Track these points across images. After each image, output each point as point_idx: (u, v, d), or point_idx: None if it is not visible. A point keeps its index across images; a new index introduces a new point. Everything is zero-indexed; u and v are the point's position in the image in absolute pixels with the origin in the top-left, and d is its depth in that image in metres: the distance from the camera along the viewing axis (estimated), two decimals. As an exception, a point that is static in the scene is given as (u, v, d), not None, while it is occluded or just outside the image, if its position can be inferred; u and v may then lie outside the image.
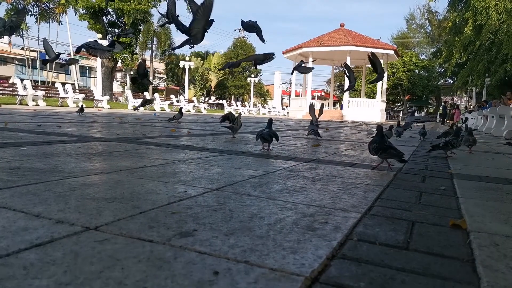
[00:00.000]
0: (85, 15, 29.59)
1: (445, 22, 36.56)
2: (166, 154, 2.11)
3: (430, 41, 48.32)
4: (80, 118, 6.22)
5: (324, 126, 8.43)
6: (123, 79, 56.33)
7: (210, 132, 4.52)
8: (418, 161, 2.45)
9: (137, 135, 3.44)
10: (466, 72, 21.59)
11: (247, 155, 2.31)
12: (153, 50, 35.30)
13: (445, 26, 32.92)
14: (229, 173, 1.58)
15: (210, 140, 3.25)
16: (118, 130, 3.99)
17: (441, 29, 35.55)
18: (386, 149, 1.86)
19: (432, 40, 47.34)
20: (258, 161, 2.05)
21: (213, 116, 13.20)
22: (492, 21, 16.83)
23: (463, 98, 49.84)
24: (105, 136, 3.09)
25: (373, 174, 1.77)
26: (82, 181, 1.26)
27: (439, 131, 9.53)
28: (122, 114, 10.25)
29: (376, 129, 2.01)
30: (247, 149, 2.66)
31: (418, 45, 51.56)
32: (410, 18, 50.40)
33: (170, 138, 3.26)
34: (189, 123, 6.54)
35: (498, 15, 16.72)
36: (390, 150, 1.85)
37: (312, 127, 4.04)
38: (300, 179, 1.52)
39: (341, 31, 25.73)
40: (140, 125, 5.24)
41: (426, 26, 49.17)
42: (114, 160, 1.77)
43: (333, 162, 2.17)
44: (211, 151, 2.42)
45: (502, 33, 16.98)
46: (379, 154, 1.90)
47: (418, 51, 50.49)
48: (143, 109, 20.36)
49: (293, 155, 2.45)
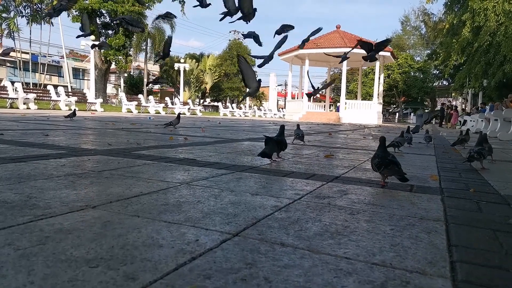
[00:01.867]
0: (78, 16, 29.14)
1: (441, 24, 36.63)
2: (165, 173, 1.80)
3: (425, 43, 48.46)
4: (71, 124, 5.87)
5: (325, 131, 8.16)
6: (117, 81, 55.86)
7: (210, 139, 4.21)
8: (452, 177, 2.16)
9: (131, 144, 3.12)
10: (464, 74, 21.48)
11: (258, 171, 2.01)
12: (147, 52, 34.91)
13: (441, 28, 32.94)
14: (246, 202, 1.28)
15: (211, 151, 2.94)
16: (111, 138, 3.67)
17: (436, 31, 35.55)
18: (388, 164, 1.65)
19: (427, 42, 47.48)
20: (273, 181, 1.75)
21: (209, 120, 12.89)
22: (491, 23, 16.71)
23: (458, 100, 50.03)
24: (96, 148, 2.77)
25: (417, 199, 1.47)
26: (58, 225, 0.95)
27: (443, 135, 9.30)
28: (116, 117, 9.90)
29: (379, 140, 1.76)
30: (256, 163, 2.36)
31: (413, 47, 51.71)
32: (405, 20, 50.53)
33: (168, 148, 2.95)
34: (186, 128, 6.23)
35: (496, 16, 16.60)
36: (392, 166, 1.65)
37: (298, 131, 3.82)
38: (336, 211, 1.22)
39: (337, 33, 25.56)
40: (134, 131, 4.92)
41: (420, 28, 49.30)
42: (104, 184, 1.46)
43: (359, 180, 1.87)
44: (216, 166, 2.11)
45: (501, 35, 16.86)
46: (380, 171, 1.69)
47: (413, 53, 50.64)
48: (137, 112, 19.98)
49: (310, 170, 2.15)
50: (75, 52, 56.50)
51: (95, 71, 27.66)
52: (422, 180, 1.99)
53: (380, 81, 26.78)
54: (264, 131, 6.96)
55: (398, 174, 1.68)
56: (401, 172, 1.67)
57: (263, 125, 10.12)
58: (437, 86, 49.44)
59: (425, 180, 1.99)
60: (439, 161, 2.99)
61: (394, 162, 1.67)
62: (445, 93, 52.57)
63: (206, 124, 8.89)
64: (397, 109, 51.61)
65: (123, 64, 31.06)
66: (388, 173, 1.72)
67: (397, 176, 1.69)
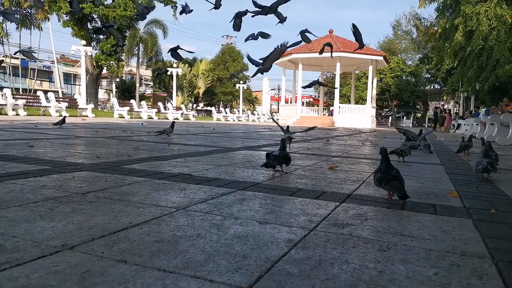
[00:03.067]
0: (69, 21, 28.85)
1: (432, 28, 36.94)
2: (159, 194, 1.60)
3: (416, 47, 48.88)
4: (59, 132, 5.63)
5: (321, 136, 8.00)
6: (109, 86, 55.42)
7: (205, 148, 4.01)
8: (471, 192, 1.99)
9: (121, 156, 2.91)
10: (457, 78, 21.54)
11: (262, 189, 1.82)
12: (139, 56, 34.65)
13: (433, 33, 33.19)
14: (255, 235, 1.09)
15: (208, 163, 2.74)
16: (100, 149, 3.45)
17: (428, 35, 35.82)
18: (389, 180, 1.56)
19: (418, 46, 47.88)
20: (280, 202, 1.56)
21: (203, 125, 12.68)
22: (483, 27, 16.77)
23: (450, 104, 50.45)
24: (83, 161, 2.56)
25: (447, 225, 1.29)
26: (24, 279, 0.75)
27: (441, 140, 9.19)
28: (107, 124, 9.64)
29: (380, 153, 1.66)
30: (257, 178, 2.17)
31: (404, 51, 52.12)
32: (396, 24, 50.96)
33: (161, 161, 2.74)
34: (179, 136, 6.02)
35: (488, 21, 16.67)
36: (394, 182, 1.56)
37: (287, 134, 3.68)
38: (362, 245, 1.04)
39: (330, 38, 25.57)
40: (126, 140, 4.70)
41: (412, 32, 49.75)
42: (87, 212, 1.26)
43: (374, 199, 1.69)
44: (215, 183, 1.92)
45: (493, 39, 16.93)
46: (382, 186, 1.60)
47: (404, 57, 51.05)
48: (129, 118, 19.69)
49: (317, 186, 1.96)
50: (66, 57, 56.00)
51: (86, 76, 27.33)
52: (441, 197, 1.81)
53: (373, 85, 26.82)
54: (259, 137, 6.77)
55: (398, 191, 1.59)
56: (402, 189, 1.58)
57: (257, 131, 9.94)
58: (429, 90, 49.85)
59: (444, 197, 1.82)
60: (449, 172, 2.82)
61: (396, 178, 1.57)
62: (437, 97, 53.04)
63: (200, 130, 8.69)
64: (390, 113, 51.86)
65: (115, 69, 30.74)
66: (389, 189, 1.63)
67: (397, 193, 1.60)
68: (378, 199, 1.71)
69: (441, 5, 22.14)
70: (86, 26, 29.45)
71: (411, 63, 50.20)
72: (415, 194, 1.86)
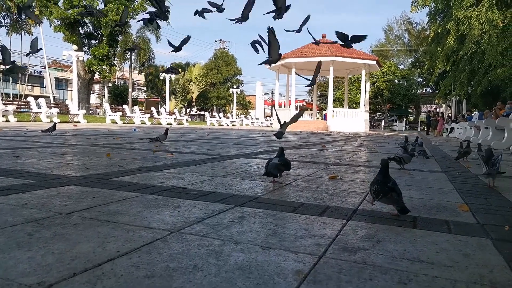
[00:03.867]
0: (60, 26, 28.61)
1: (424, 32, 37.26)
2: (150, 213, 1.47)
3: (408, 51, 49.29)
4: (49, 140, 5.47)
5: (317, 141, 7.91)
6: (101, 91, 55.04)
7: (199, 156, 3.89)
8: (481, 205, 1.89)
9: (112, 167, 2.78)
10: (449, 82, 21.66)
11: (261, 204, 1.71)
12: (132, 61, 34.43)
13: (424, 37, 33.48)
14: (258, 266, 0.97)
15: (203, 174, 2.62)
16: (90, 159, 3.31)
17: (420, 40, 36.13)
18: (386, 192, 1.48)
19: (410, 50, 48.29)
20: (283, 220, 1.44)
21: (197, 131, 12.54)
22: (475, 31, 16.87)
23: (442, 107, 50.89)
24: (70, 173, 2.42)
25: (466, 248, 1.18)
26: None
27: (436, 144, 9.16)
28: (99, 130, 9.46)
29: (381, 164, 1.57)
30: (256, 190, 2.05)
31: (396, 55, 52.54)
32: (388, 29, 51.42)
33: (154, 172, 2.61)
34: (172, 142, 5.88)
35: (480, 25, 16.77)
36: (392, 195, 1.48)
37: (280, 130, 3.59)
38: (380, 277, 0.92)
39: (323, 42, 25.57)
40: (117, 148, 4.55)
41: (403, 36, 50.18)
42: (70, 238, 1.13)
43: (382, 216, 1.58)
44: (211, 198, 1.80)
45: (485, 43, 17.05)
46: (379, 198, 1.51)
47: (396, 61, 51.46)
48: (122, 123, 19.47)
49: (320, 200, 1.85)
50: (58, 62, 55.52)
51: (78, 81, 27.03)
52: (452, 211, 1.71)
53: (367, 89, 26.91)
54: (254, 143, 6.66)
55: (397, 205, 1.50)
56: (401, 202, 1.48)
57: (252, 136, 9.83)
58: (421, 94, 50.25)
59: (455, 211, 1.72)
60: (452, 181, 2.73)
61: (394, 190, 1.49)
62: (429, 100, 53.49)
63: (194, 136, 8.55)
64: (383, 117, 52.14)
65: (107, 74, 30.50)
66: (388, 202, 1.54)
67: (395, 206, 1.51)
68: (386, 215, 1.60)
69: (433, 10, 22.31)
70: (78, 31, 29.22)
71: (403, 67, 50.63)
72: (424, 208, 1.75)
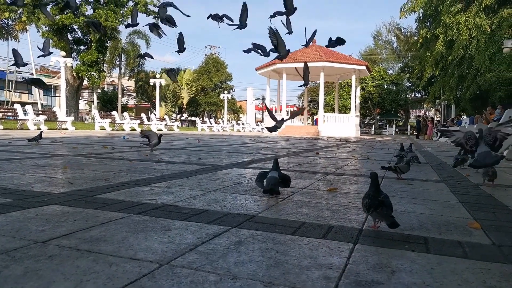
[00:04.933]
0: (48, 32, 28.24)
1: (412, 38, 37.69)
2: (137, 239, 1.33)
3: (396, 56, 49.84)
4: (34, 149, 5.26)
5: (310, 148, 7.81)
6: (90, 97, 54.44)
7: (191, 166, 3.74)
8: (492, 221, 1.78)
9: (98, 181, 2.62)
10: (438, 87, 21.88)
11: (259, 224, 1.58)
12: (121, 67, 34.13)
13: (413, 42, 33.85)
14: (262, 309, 0.83)
15: (195, 187, 2.48)
16: (75, 171, 3.14)
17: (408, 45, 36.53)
18: (377, 206, 1.43)
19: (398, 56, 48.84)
20: (284, 245, 1.31)
21: (188, 137, 12.36)
22: (463, 37, 17.09)
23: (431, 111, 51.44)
24: (52, 190, 2.26)
25: (490, 278, 1.07)
26: None
27: (428, 149, 9.13)
28: (87, 138, 9.23)
29: (370, 177, 1.55)
30: (252, 208, 1.92)
31: (385, 60, 53.10)
32: (377, 34, 51.98)
33: (142, 186, 2.46)
34: (163, 151, 5.71)
35: (468, 30, 17.01)
36: (382, 209, 1.43)
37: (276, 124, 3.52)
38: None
39: (313, 48, 25.73)
40: (105, 158, 4.38)
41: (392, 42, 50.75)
42: (43, 276, 0.98)
43: (390, 237, 1.46)
44: (204, 218, 1.66)
45: (473, 48, 17.26)
46: (370, 213, 1.46)
47: (385, 66, 51.99)
48: (111, 130, 19.18)
49: (321, 218, 1.73)
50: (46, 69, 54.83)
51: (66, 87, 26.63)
52: (463, 230, 1.60)
53: (357, 94, 27.04)
54: (247, 151, 6.53)
55: (386, 220, 1.44)
56: (389, 217, 1.43)
57: (244, 143, 9.70)
58: (410, 98, 50.80)
59: (466, 230, 1.61)
60: (454, 192, 2.63)
61: (384, 204, 1.45)
62: (418, 105, 54.08)
63: (185, 143, 8.38)
64: (373, 121, 52.49)
65: (96, 80, 30.16)
66: (378, 217, 1.49)
67: (385, 221, 1.45)
68: (393, 235, 1.48)
69: (421, 15, 22.58)
70: (66, 37, 28.88)
71: (392, 72, 51.15)
72: (432, 226, 1.64)
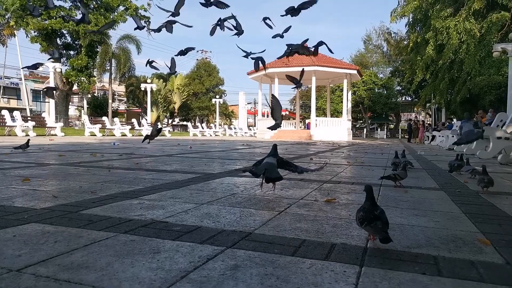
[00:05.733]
0: (37, 37, 27.90)
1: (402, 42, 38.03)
2: (122, 265, 1.21)
3: (387, 60, 50.27)
4: (20, 158, 5.08)
5: (303, 153, 7.73)
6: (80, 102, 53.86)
7: (182, 175, 3.61)
8: (500, 235, 1.69)
9: (84, 194, 2.48)
10: (429, 91, 22.04)
11: (256, 244, 1.46)
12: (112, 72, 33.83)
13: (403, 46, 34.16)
14: None
15: (187, 200, 2.36)
16: (61, 183, 3.00)
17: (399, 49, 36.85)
18: (371, 221, 1.40)
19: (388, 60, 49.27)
20: (285, 270, 1.20)
21: (179, 143, 12.21)
22: (453, 41, 17.24)
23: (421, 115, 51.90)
24: (34, 205, 2.12)
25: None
26: None
27: (421, 154, 9.10)
28: (76, 144, 9.03)
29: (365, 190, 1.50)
30: (248, 223, 1.81)
31: (376, 64, 53.55)
32: (367, 39, 52.41)
33: (131, 200, 2.33)
34: (154, 158, 5.57)
35: (458, 35, 17.16)
36: (376, 223, 1.38)
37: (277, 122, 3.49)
38: None
39: (305, 52, 25.69)
40: (93, 167, 4.23)
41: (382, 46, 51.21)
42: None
43: (398, 257, 1.36)
44: (196, 237, 1.54)
45: (463, 52, 17.42)
46: (363, 226, 1.44)
47: (376, 70, 52.43)
48: (101, 136, 18.91)
49: (322, 234, 1.62)
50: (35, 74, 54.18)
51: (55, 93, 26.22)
52: (473, 247, 1.51)
53: (348, 98, 27.15)
54: (240, 157, 6.42)
55: (379, 234, 1.39)
56: (383, 231, 1.37)
57: (236, 148, 9.59)
58: (401, 102, 51.25)
59: (475, 246, 1.51)
60: (456, 201, 2.55)
61: (379, 219, 1.39)
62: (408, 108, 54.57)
63: (176, 149, 8.24)
64: (364, 125, 52.79)
65: (86, 85, 29.83)
66: (372, 231, 1.43)
67: (378, 235, 1.40)
68: (401, 254, 1.37)
69: (411, 20, 22.77)
70: (55, 42, 28.54)
71: (382, 76, 51.57)
72: (440, 242, 1.54)
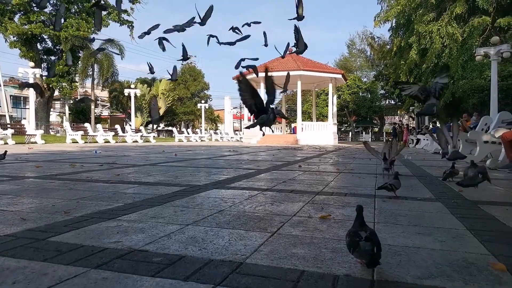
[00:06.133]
0: (16, 42, 27.18)
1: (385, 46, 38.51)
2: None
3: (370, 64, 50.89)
4: (-10, 171, 4.78)
5: (291, 159, 7.58)
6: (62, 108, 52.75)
7: (166, 188, 3.40)
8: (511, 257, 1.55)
9: (56, 214, 2.26)
10: (413, 94, 22.30)
11: (249, 278, 1.28)
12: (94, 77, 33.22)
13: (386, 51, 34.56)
14: None
15: (170, 220, 2.16)
16: (32, 200, 2.75)
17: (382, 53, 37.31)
18: (357, 246, 1.30)
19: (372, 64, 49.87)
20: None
21: (164, 150, 11.93)
22: (436, 45, 17.46)
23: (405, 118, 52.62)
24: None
25: None
26: None
27: (409, 158, 9.07)
28: (56, 153, 8.67)
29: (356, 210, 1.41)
30: (238, 248, 1.62)
31: (360, 68, 54.16)
32: (351, 44, 52.99)
33: (107, 221, 2.12)
34: (137, 168, 5.32)
35: (441, 39, 17.39)
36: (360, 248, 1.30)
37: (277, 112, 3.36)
38: None
39: (290, 57, 25.82)
40: (70, 180, 3.97)
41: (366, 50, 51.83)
42: None
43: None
44: (180, 270, 1.35)
45: (446, 56, 17.65)
46: (352, 252, 1.36)
47: (360, 74, 53.01)
48: (83, 143, 18.44)
49: (321, 262, 1.45)
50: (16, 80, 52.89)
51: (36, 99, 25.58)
52: (488, 275, 1.36)
53: (334, 102, 27.26)
54: (226, 165, 6.22)
55: (365, 258, 1.31)
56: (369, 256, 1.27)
57: (223, 155, 9.39)
58: (385, 105, 51.93)
59: (491, 274, 1.37)
60: (457, 216, 2.42)
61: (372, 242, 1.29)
62: (392, 112, 55.30)
63: (161, 157, 7.98)
64: (349, 128, 53.20)
65: (68, 90, 29.19)
66: (358, 256, 1.35)
67: (364, 260, 1.33)
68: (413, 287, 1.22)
69: (394, 25, 23.03)
70: (36, 47, 27.87)
71: (366, 79, 52.17)
72: (451, 269, 1.39)
